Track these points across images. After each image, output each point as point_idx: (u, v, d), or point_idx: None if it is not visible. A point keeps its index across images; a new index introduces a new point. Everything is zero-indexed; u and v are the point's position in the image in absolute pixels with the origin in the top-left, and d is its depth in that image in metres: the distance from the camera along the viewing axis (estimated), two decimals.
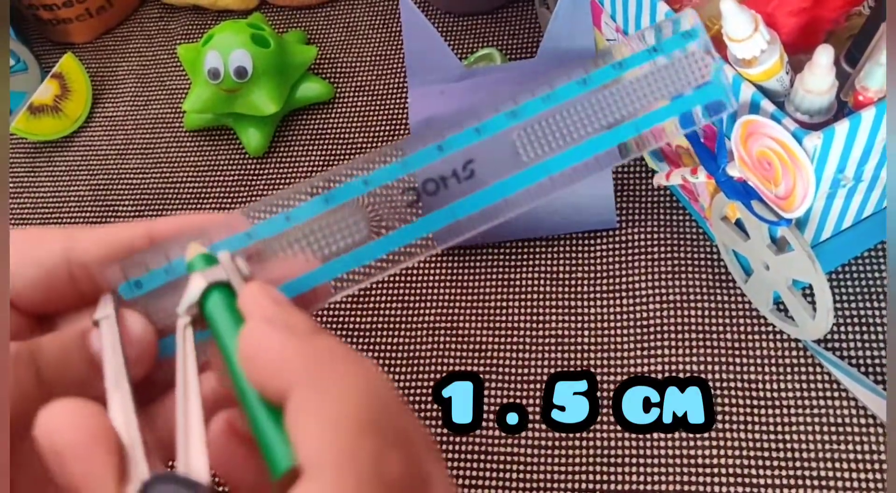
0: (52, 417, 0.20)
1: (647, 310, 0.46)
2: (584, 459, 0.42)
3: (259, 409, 0.20)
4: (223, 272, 0.23)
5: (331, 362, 0.20)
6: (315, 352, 0.20)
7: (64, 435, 0.20)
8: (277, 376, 0.20)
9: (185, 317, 0.23)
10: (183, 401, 0.22)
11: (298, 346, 0.20)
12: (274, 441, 0.20)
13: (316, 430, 0.19)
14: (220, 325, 0.22)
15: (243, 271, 0.23)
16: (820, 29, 0.37)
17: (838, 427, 0.40)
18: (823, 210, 0.38)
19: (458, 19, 0.62)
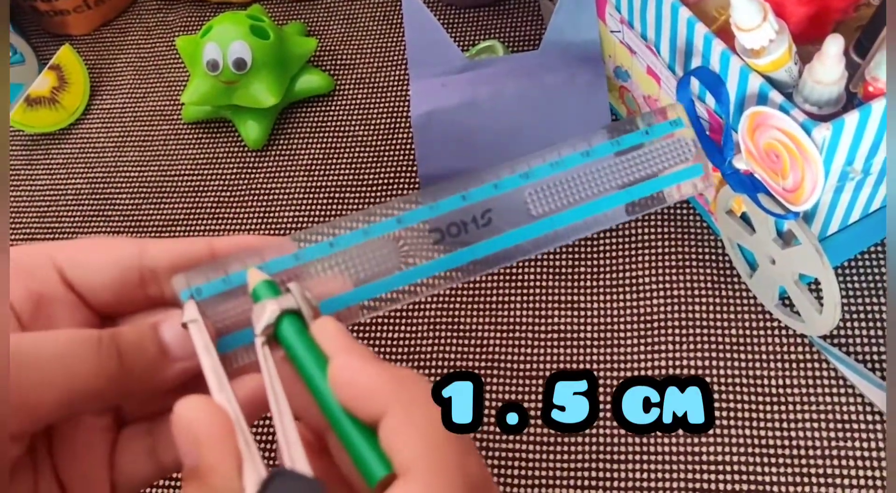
0: (191, 408, 0.24)
1: (650, 305, 0.45)
2: (587, 456, 0.42)
3: (353, 427, 0.24)
4: (294, 301, 0.27)
5: (413, 386, 0.25)
6: (397, 379, 0.24)
7: (203, 425, 0.23)
8: (371, 400, 0.24)
9: (261, 337, 0.26)
10: (276, 410, 0.25)
11: (384, 374, 0.24)
12: (369, 453, 0.24)
13: (412, 443, 0.23)
14: (299, 350, 0.26)
15: (312, 303, 0.27)
16: (829, 19, 0.36)
17: (845, 424, 0.40)
18: (831, 203, 0.37)
19: (459, 11, 0.61)
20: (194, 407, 0.24)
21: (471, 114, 0.47)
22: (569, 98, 0.46)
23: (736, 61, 0.35)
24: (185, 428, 0.24)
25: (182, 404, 0.24)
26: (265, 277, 0.28)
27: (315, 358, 0.26)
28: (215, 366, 0.26)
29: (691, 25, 0.37)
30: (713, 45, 0.36)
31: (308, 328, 0.26)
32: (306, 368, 0.26)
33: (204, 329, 0.27)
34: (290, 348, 0.26)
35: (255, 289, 0.28)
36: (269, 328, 0.26)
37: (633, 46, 0.44)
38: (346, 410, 0.25)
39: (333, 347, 0.26)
